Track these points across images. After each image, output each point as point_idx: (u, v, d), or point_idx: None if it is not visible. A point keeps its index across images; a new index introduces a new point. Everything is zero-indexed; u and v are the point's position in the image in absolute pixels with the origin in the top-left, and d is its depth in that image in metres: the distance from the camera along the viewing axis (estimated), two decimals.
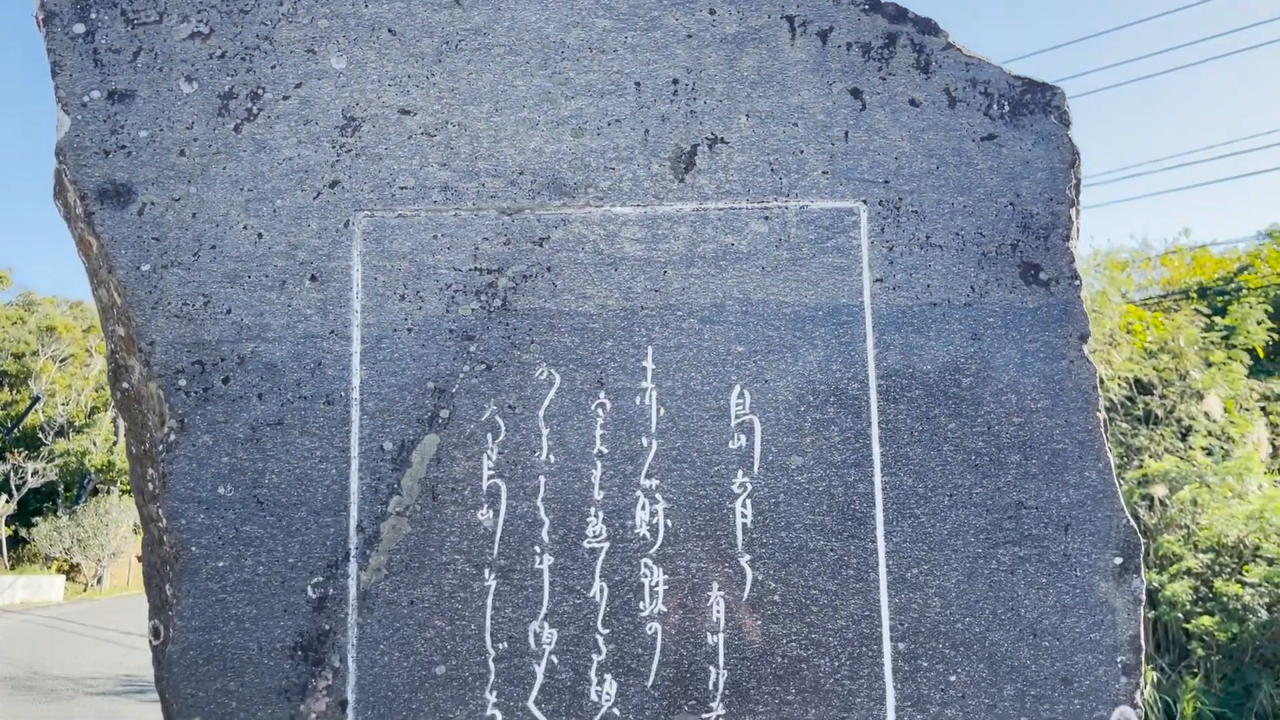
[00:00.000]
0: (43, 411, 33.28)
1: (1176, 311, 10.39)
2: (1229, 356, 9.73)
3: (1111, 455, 1.95)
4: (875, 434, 1.92)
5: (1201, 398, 9.21)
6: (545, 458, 1.91)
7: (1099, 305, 9.26)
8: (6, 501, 30.43)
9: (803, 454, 1.92)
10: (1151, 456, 8.67)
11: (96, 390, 34.48)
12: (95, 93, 1.98)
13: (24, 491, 31.47)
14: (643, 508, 1.90)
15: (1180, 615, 7.41)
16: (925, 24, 2.05)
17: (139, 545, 2.02)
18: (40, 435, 33.20)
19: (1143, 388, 9.31)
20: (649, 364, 1.94)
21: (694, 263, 1.97)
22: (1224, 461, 8.47)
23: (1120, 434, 8.87)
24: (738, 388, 1.93)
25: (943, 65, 2.04)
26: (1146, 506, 8.08)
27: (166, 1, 2.01)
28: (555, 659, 1.86)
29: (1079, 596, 1.88)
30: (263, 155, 1.98)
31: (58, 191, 2.01)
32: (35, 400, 31.63)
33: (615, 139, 2.01)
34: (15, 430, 31.99)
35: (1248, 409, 9.61)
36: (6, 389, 34.65)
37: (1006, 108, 2.02)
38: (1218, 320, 10.53)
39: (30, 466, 31.64)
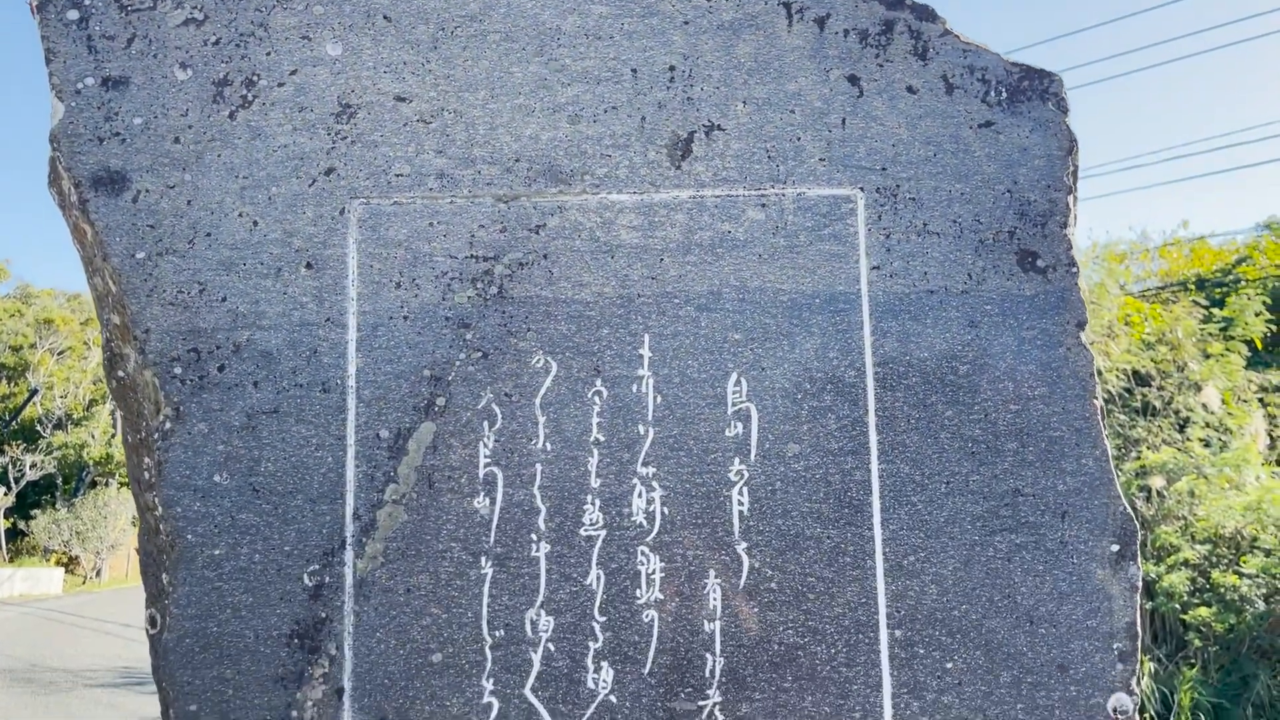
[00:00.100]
0: (41, 404, 33.25)
1: (1175, 303, 10.38)
2: (1227, 348, 9.73)
3: (1109, 443, 1.95)
4: (872, 421, 1.92)
5: (1199, 389, 9.21)
6: (542, 445, 1.90)
7: (1097, 297, 9.25)
8: (5, 494, 30.45)
9: (799, 442, 1.91)
10: (1149, 448, 8.67)
11: (94, 383, 34.46)
12: (89, 79, 1.98)
13: (22, 484, 31.49)
14: (639, 495, 1.89)
15: (1178, 606, 7.42)
16: (922, 10, 2.04)
17: (137, 538, 2.02)
18: (38, 428, 33.20)
19: (1141, 379, 9.32)
20: (646, 352, 1.93)
21: (691, 250, 1.96)
22: (1222, 453, 8.47)
23: (1118, 425, 8.87)
24: (734, 375, 1.93)
25: (940, 52, 2.03)
26: (1144, 498, 8.08)
27: None
28: (552, 646, 1.86)
29: (1075, 584, 1.88)
30: (258, 142, 1.97)
31: (52, 179, 2.01)
32: (33, 393, 31.60)
33: (612, 126, 2.00)
34: (13, 423, 31.96)
35: (1246, 400, 9.61)
36: (4, 382, 34.61)
37: (1004, 94, 2.02)
38: (1216, 312, 10.53)
39: (28, 459, 31.66)
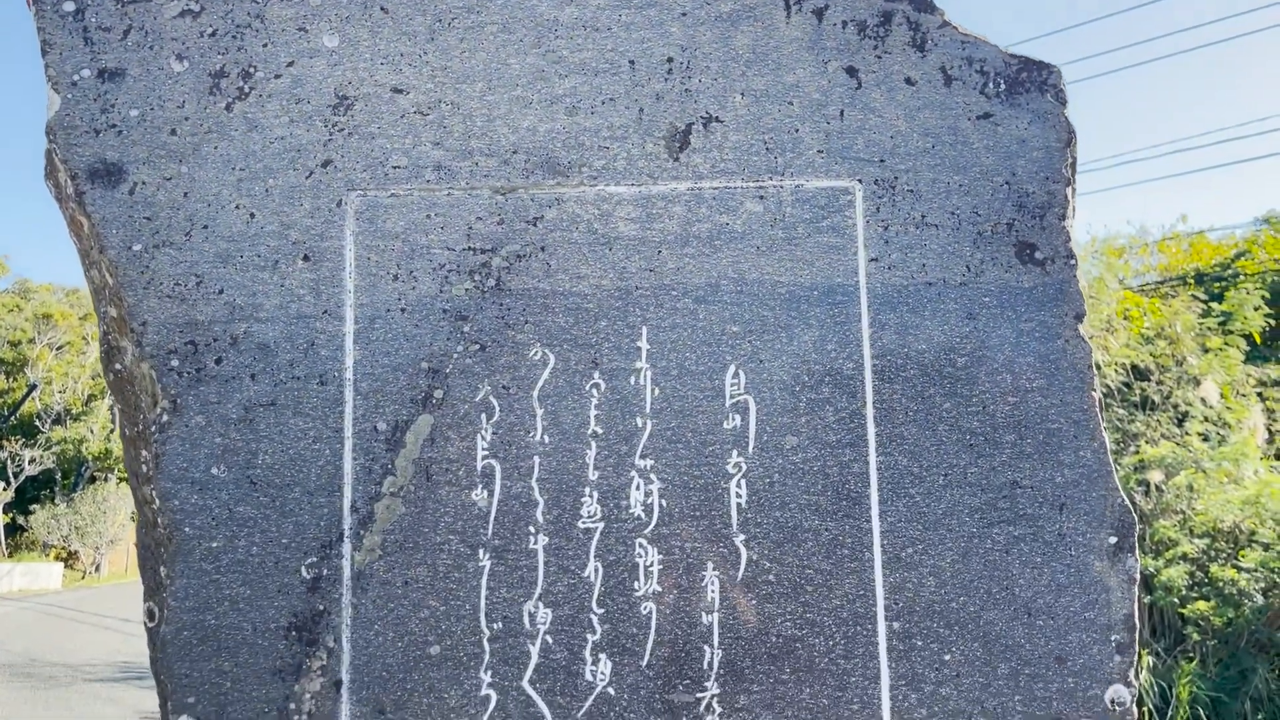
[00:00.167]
0: (40, 399, 33.24)
1: (1174, 298, 10.38)
2: (1226, 342, 9.73)
3: (1107, 435, 1.95)
4: (870, 414, 1.92)
5: (1198, 383, 9.21)
6: (540, 438, 1.90)
7: (1096, 291, 9.25)
8: (4, 489, 30.44)
9: (798, 434, 1.91)
10: (1148, 442, 8.67)
11: (93, 378, 34.44)
12: (85, 71, 1.97)
13: (21, 479, 31.48)
14: (637, 488, 1.89)
15: (1176, 600, 7.43)
16: (921, 2, 2.03)
17: (135, 531, 2.01)
18: (37, 423, 33.18)
19: (1139, 374, 9.32)
20: (644, 344, 1.93)
21: (689, 242, 1.96)
22: (1220, 447, 8.47)
23: (1117, 420, 8.87)
24: (732, 368, 1.93)
25: (939, 43, 2.02)
26: (1143, 492, 8.09)
27: None
28: (550, 639, 1.86)
29: (1073, 575, 1.88)
30: (254, 134, 1.97)
31: (49, 172, 2.00)
32: (32, 388, 31.58)
33: (609, 118, 1.99)
34: (12, 418, 31.96)
35: (1244, 395, 9.62)
36: (3, 377, 34.59)
37: (1002, 86, 2.01)
38: (1215, 306, 10.53)
39: (27, 454, 31.65)
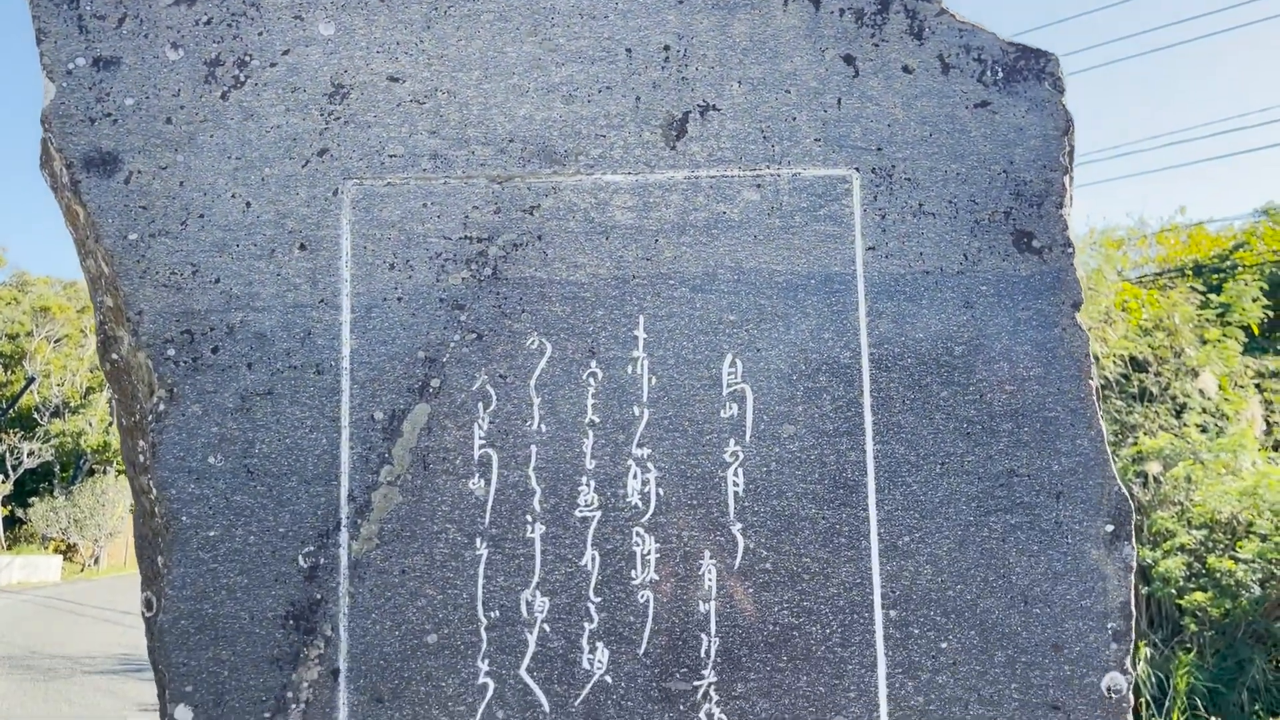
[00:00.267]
0: (38, 392, 33.22)
1: (1172, 289, 10.39)
2: (1224, 334, 9.74)
3: (1104, 424, 1.95)
4: (867, 402, 1.92)
5: (1196, 375, 9.22)
6: (537, 427, 1.90)
7: (1094, 283, 9.25)
8: (3, 482, 30.46)
9: (795, 423, 1.91)
10: (1146, 434, 8.69)
11: (91, 370, 34.43)
12: (80, 60, 1.96)
13: (20, 472, 31.51)
14: (634, 477, 1.89)
15: (1174, 591, 7.45)
16: None
17: (133, 521, 2.01)
18: (36, 416, 33.18)
19: (1138, 365, 9.32)
20: (640, 333, 1.93)
21: (686, 231, 1.96)
22: (1218, 438, 8.49)
23: (1115, 411, 8.88)
24: (730, 356, 1.93)
25: (936, 31, 2.02)
26: (1141, 483, 8.10)
27: None
28: (547, 627, 1.86)
29: (1070, 564, 1.88)
30: (250, 123, 1.96)
31: (44, 161, 2.00)
32: (30, 381, 31.54)
33: (606, 106, 1.99)
34: (10, 411, 31.92)
35: (1242, 386, 9.63)
36: (1, 370, 34.57)
37: (1000, 74, 2.01)
38: (1213, 298, 10.54)
39: (26, 447, 31.67)
